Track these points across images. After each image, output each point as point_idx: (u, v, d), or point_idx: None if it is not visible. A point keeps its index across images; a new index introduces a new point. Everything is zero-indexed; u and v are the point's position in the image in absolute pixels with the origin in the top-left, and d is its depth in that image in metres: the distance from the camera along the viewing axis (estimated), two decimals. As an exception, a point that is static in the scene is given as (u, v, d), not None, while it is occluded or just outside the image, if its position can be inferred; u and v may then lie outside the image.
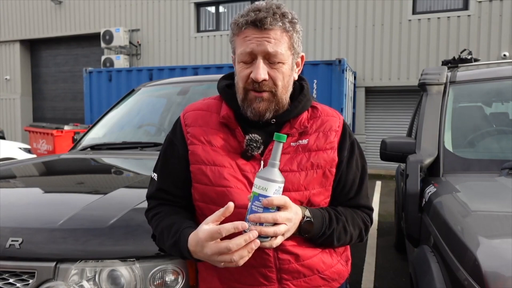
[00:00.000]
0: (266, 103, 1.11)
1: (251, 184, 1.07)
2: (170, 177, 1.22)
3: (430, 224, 1.92)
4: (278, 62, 1.08)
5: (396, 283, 3.64)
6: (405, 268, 3.72)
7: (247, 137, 1.12)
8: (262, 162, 1.13)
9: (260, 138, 1.12)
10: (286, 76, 1.11)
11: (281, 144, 0.99)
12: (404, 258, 4.00)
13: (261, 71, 1.06)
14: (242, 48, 1.08)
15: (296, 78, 1.21)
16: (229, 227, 0.93)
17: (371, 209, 1.28)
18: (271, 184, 0.96)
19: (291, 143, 1.15)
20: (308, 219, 1.07)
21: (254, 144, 1.11)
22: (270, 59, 1.08)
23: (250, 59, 1.08)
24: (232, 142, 1.15)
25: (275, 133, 1.00)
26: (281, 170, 1.07)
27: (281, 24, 1.07)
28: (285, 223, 0.98)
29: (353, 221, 1.20)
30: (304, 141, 1.16)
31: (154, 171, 1.27)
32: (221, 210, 0.97)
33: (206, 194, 1.14)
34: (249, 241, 0.93)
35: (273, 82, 1.09)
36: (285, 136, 1.00)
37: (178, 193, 1.22)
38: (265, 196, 0.96)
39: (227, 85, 1.23)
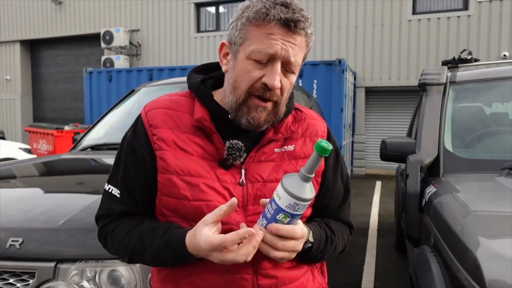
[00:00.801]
0: (267, 114, 0.97)
1: (232, 196, 0.95)
2: (134, 193, 1.01)
3: (430, 224, 1.92)
4: (292, 72, 0.96)
5: (396, 283, 3.63)
6: (405, 268, 3.72)
7: (227, 144, 0.96)
8: (243, 171, 0.98)
9: (242, 145, 0.96)
10: (291, 87, 0.99)
11: (322, 158, 0.82)
12: (404, 258, 4.00)
13: (278, 78, 0.92)
14: (263, 46, 0.91)
15: None
16: (235, 238, 0.83)
17: (353, 227, 1.18)
18: (292, 199, 0.84)
19: (275, 149, 1.02)
20: (310, 245, 0.97)
21: (237, 153, 0.96)
22: (287, 67, 0.94)
23: (266, 60, 0.92)
24: (209, 148, 0.98)
25: (318, 142, 0.82)
26: (266, 180, 0.98)
27: (308, 32, 0.94)
28: (287, 252, 0.89)
29: (342, 238, 1.11)
30: (290, 147, 1.03)
31: (112, 184, 1.04)
32: (223, 208, 0.86)
33: (179, 209, 0.96)
34: (257, 242, 0.85)
35: (281, 92, 0.96)
36: (330, 150, 0.81)
37: (145, 210, 1.03)
38: (277, 205, 0.85)
39: (201, 81, 1.06)
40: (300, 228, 0.90)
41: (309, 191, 0.84)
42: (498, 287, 1.14)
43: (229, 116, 0.98)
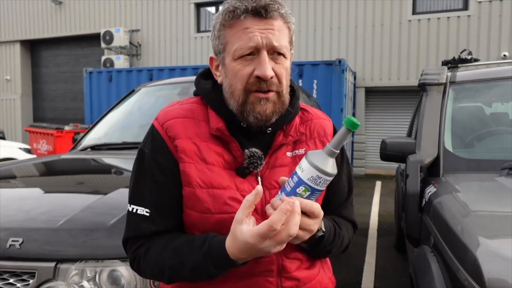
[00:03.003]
0: (272, 105, 0.94)
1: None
2: (166, 209, 0.96)
3: (430, 224, 1.92)
4: (282, 57, 0.94)
5: (396, 283, 3.63)
6: (405, 268, 3.72)
7: (247, 152, 0.95)
8: (259, 178, 0.97)
9: (261, 153, 0.95)
10: (288, 73, 0.97)
11: (350, 133, 0.82)
12: (404, 258, 4.00)
13: (268, 67, 0.90)
14: (243, 43, 0.90)
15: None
16: (280, 216, 0.78)
17: (356, 226, 1.17)
18: (315, 172, 0.81)
19: (287, 153, 1.01)
20: (322, 233, 0.95)
21: (258, 162, 0.95)
22: (274, 54, 0.92)
23: (251, 54, 0.91)
24: (227, 156, 0.96)
25: (348, 117, 0.81)
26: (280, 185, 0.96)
27: (283, 13, 0.93)
28: (301, 230, 0.85)
29: (347, 233, 1.10)
30: (301, 151, 1.02)
31: (137, 203, 0.97)
32: (250, 198, 0.81)
33: (202, 223, 0.94)
34: (298, 208, 0.80)
35: (278, 80, 0.93)
36: (359, 125, 0.82)
37: (179, 226, 0.98)
38: (299, 178, 0.83)
39: (212, 87, 1.03)
40: (318, 206, 0.87)
41: (332, 167, 0.83)
42: (498, 287, 1.14)
43: (238, 119, 0.96)
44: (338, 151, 0.84)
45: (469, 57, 3.28)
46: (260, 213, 0.95)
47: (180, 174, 0.94)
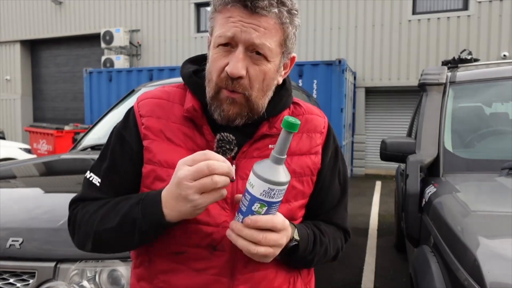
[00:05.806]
0: (238, 108, 0.89)
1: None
2: (116, 184, 0.95)
3: (430, 224, 1.93)
4: (263, 58, 0.87)
5: (396, 283, 3.64)
6: (405, 268, 3.72)
7: (218, 136, 0.88)
8: (234, 166, 0.91)
9: (233, 138, 0.88)
10: (268, 78, 0.89)
11: (291, 135, 0.76)
12: (404, 258, 4.00)
13: (240, 65, 0.85)
14: (222, 30, 0.86)
15: (280, 82, 0.97)
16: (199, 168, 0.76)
17: (348, 232, 1.09)
18: (266, 185, 0.76)
19: (270, 145, 0.94)
20: (295, 242, 0.89)
21: (227, 146, 0.87)
22: (254, 52, 0.86)
23: (230, 46, 0.87)
24: (198, 140, 0.93)
25: (285, 118, 0.75)
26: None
27: (277, 12, 0.85)
28: (269, 247, 0.81)
29: (334, 242, 1.03)
30: None
31: (94, 172, 0.98)
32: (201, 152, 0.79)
33: None
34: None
35: (250, 83, 0.87)
36: (298, 124, 0.75)
37: None
38: (251, 195, 0.77)
39: (194, 72, 1.00)
40: (280, 218, 0.83)
41: (283, 174, 0.77)
42: (498, 287, 1.14)
43: (208, 109, 0.93)
44: (285, 156, 0.77)
45: (469, 57, 3.29)
46: (230, 203, 0.91)
47: (141, 153, 0.93)
